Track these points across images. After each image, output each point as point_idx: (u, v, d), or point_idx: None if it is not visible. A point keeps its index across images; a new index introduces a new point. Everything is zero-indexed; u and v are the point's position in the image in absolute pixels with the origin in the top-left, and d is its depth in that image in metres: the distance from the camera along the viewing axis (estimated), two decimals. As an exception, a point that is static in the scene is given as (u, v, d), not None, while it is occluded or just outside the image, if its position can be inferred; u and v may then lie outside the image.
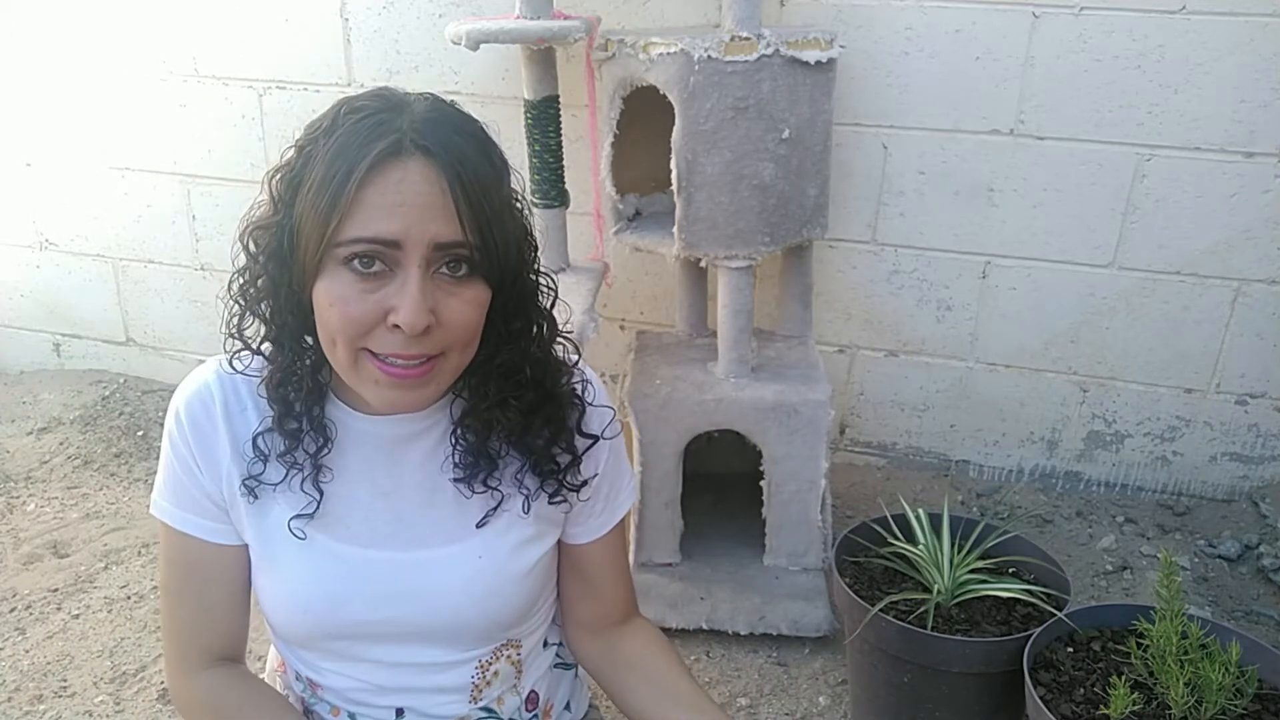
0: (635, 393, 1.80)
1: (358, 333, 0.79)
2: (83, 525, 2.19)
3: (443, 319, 0.80)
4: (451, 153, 0.78)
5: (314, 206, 0.78)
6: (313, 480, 0.90)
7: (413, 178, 0.76)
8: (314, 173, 0.78)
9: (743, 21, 1.67)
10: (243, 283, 0.87)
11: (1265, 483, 2.19)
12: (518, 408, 0.90)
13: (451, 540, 0.93)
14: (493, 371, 0.88)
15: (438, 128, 0.79)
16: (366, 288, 0.78)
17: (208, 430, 0.90)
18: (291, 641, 0.97)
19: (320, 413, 0.90)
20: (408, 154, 0.77)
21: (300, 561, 0.91)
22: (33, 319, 2.85)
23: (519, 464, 0.94)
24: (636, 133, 1.86)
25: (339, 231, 0.77)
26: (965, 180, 2.09)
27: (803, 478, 1.81)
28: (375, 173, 0.76)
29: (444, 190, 0.77)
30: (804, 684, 1.74)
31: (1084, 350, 2.18)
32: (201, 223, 2.56)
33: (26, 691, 1.71)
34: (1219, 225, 2.01)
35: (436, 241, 0.77)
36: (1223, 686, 1.18)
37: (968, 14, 1.96)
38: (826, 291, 2.23)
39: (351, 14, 2.24)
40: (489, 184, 0.80)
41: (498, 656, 0.99)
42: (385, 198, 0.76)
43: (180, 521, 0.92)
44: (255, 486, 0.90)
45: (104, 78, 2.47)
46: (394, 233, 0.76)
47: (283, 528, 0.91)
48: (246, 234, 0.85)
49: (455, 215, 0.77)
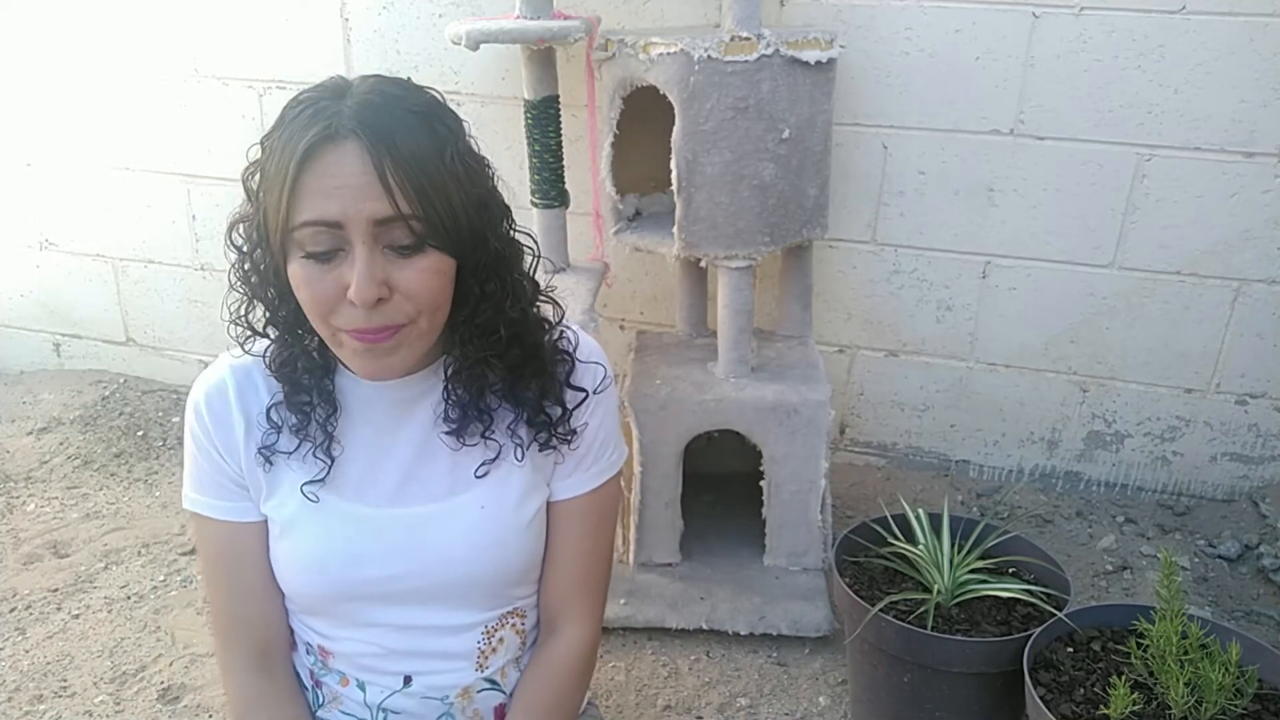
0: (635, 393, 1.80)
1: (325, 311, 0.85)
2: (83, 525, 2.19)
3: (400, 288, 0.84)
4: (382, 132, 0.81)
5: (269, 197, 0.84)
6: (324, 448, 0.96)
7: (346, 159, 0.81)
8: (270, 165, 0.85)
9: (743, 21, 1.67)
10: (242, 272, 0.92)
11: (1265, 483, 2.19)
12: (501, 364, 0.94)
13: (454, 493, 0.98)
14: (472, 331, 0.93)
15: (372, 110, 0.82)
16: (325, 268, 0.84)
17: (224, 416, 0.96)
18: (306, 606, 1.01)
19: (330, 384, 0.97)
20: (341, 137, 0.81)
21: (314, 523, 0.97)
22: (33, 319, 2.85)
23: (512, 416, 0.99)
24: (636, 133, 1.86)
25: (290, 218, 0.82)
26: (965, 180, 2.09)
27: (803, 478, 1.81)
28: (311, 159, 0.81)
29: (373, 169, 0.81)
30: (804, 684, 1.74)
31: (1084, 350, 2.18)
32: (201, 223, 2.56)
33: (26, 691, 1.71)
34: (1219, 225, 2.01)
35: (375, 218, 0.81)
36: (1223, 686, 1.18)
37: (968, 14, 1.96)
38: (826, 291, 2.23)
39: (351, 14, 2.24)
40: (426, 156, 0.83)
41: (503, 624, 1.03)
42: (323, 182, 0.81)
43: (208, 508, 0.98)
44: (270, 455, 0.96)
45: (104, 78, 2.47)
46: (334, 214, 0.81)
47: (294, 493, 0.96)
48: (231, 229, 0.91)
49: (387, 192, 0.81)
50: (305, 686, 1.06)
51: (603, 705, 1.67)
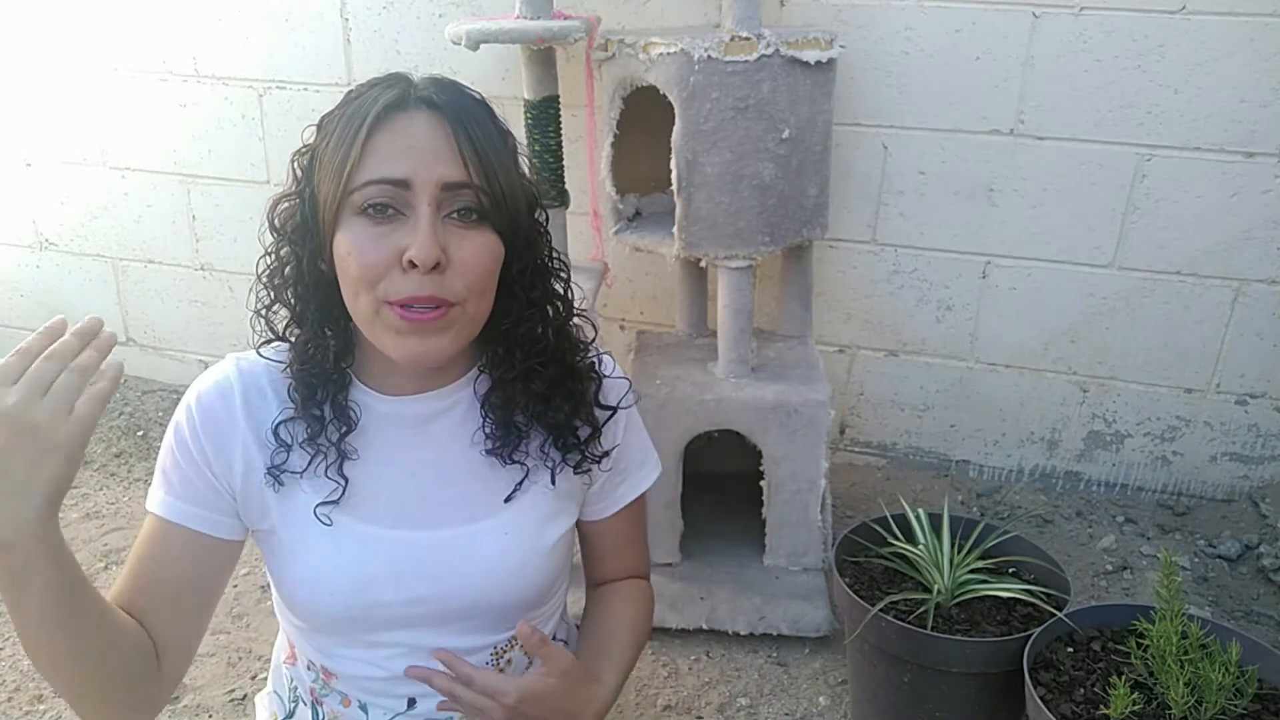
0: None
1: (374, 276, 0.81)
2: (83, 525, 2.19)
3: (454, 259, 0.82)
4: (455, 105, 0.84)
5: (330, 163, 0.83)
6: (337, 466, 0.91)
7: (419, 124, 0.82)
8: (329, 140, 0.84)
9: (743, 21, 1.67)
10: (271, 266, 0.90)
11: (1265, 483, 2.19)
12: (542, 378, 0.92)
13: (477, 518, 0.94)
14: (517, 341, 0.91)
15: (443, 87, 0.85)
16: (381, 231, 0.81)
17: (224, 420, 0.90)
18: (314, 628, 0.97)
19: (344, 398, 0.92)
20: (414, 106, 0.83)
21: (326, 545, 0.92)
22: (33, 319, 2.84)
23: (543, 438, 0.96)
24: (636, 133, 1.86)
25: (353, 178, 0.81)
26: (965, 180, 2.09)
27: (803, 478, 1.81)
28: (383, 122, 0.81)
29: (449, 135, 0.82)
30: (804, 684, 1.74)
31: (1084, 350, 2.18)
32: (201, 223, 2.56)
33: (26, 691, 1.71)
34: (1219, 225, 2.01)
35: (444, 181, 0.81)
36: (1223, 686, 1.18)
37: (968, 14, 1.96)
38: (826, 291, 2.23)
39: (351, 14, 2.24)
40: (494, 138, 0.85)
41: (512, 645, 1.00)
42: (394, 144, 0.81)
43: (172, 510, 0.90)
44: (280, 475, 0.90)
45: (104, 78, 2.47)
46: (403, 173, 0.80)
47: (307, 514, 0.91)
48: (272, 209, 0.89)
49: (460, 158, 0.81)
50: (305, 703, 1.03)
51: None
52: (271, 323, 0.92)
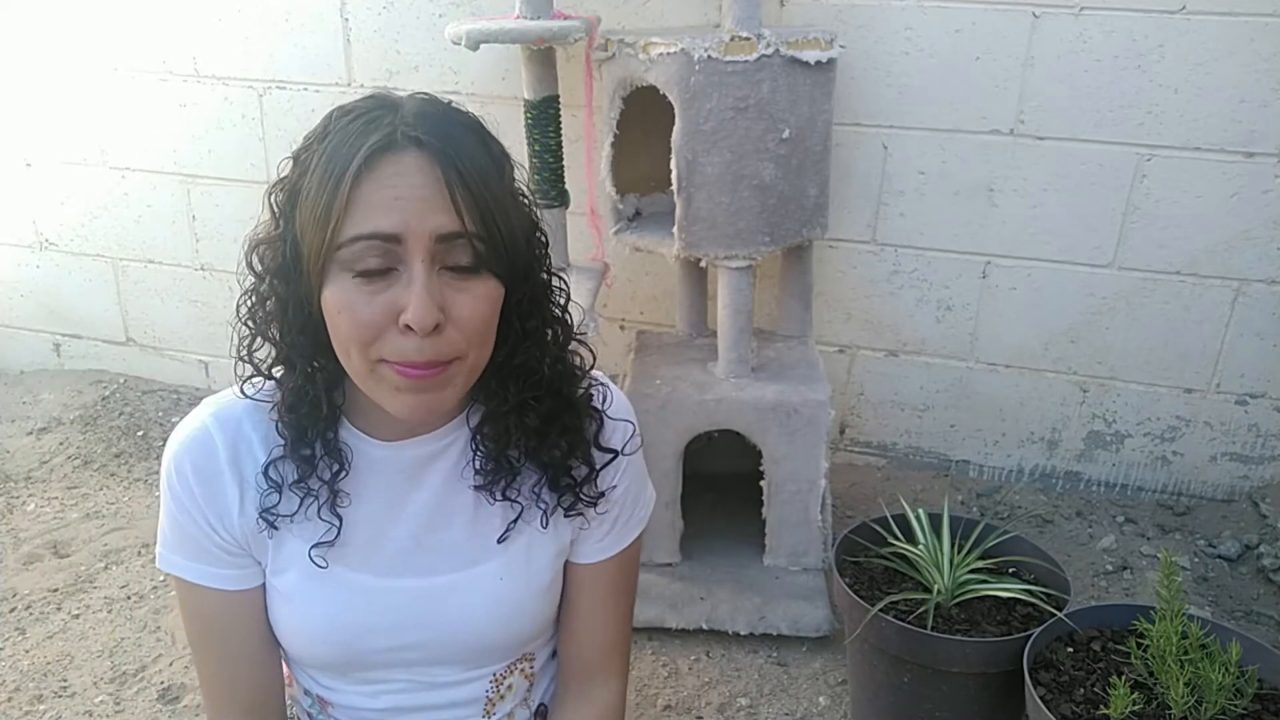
0: (635, 393, 1.80)
1: (369, 338, 0.76)
2: (83, 525, 2.19)
3: (453, 316, 0.77)
4: (447, 143, 0.76)
5: (312, 212, 0.76)
6: (329, 507, 0.87)
7: (408, 170, 0.74)
8: (310, 179, 0.77)
9: (743, 21, 1.67)
10: (251, 304, 0.84)
11: (1265, 483, 2.19)
12: (536, 412, 0.87)
13: (472, 563, 0.91)
14: (511, 373, 0.86)
15: (431, 120, 0.77)
16: (373, 290, 0.75)
17: (210, 477, 0.86)
18: (309, 667, 0.96)
19: (334, 437, 0.87)
20: (401, 147, 0.74)
21: (318, 593, 0.89)
22: (33, 319, 2.84)
23: (536, 478, 0.91)
24: (636, 133, 1.86)
25: (338, 233, 0.74)
26: (965, 180, 2.09)
27: (803, 478, 1.81)
28: (369, 169, 0.74)
29: (440, 180, 0.74)
30: (804, 684, 1.74)
31: (1084, 350, 2.18)
32: (201, 223, 2.56)
33: (26, 691, 1.71)
34: (1219, 225, 2.01)
35: (438, 233, 0.75)
36: (1223, 686, 1.18)
37: (967, 14, 1.96)
38: (826, 291, 2.23)
39: (351, 14, 2.24)
40: (488, 174, 0.78)
41: (511, 670, 0.98)
42: (382, 193, 0.74)
43: (193, 574, 0.88)
44: (273, 519, 0.87)
45: (104, 77, 2.47)
46: (393, 226, 0.74)
47: (301, 558, 0.88)
48: (250, 252, 0.83)
49: (454, 206, 0.75)
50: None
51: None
52: (256, 362, 0.86)
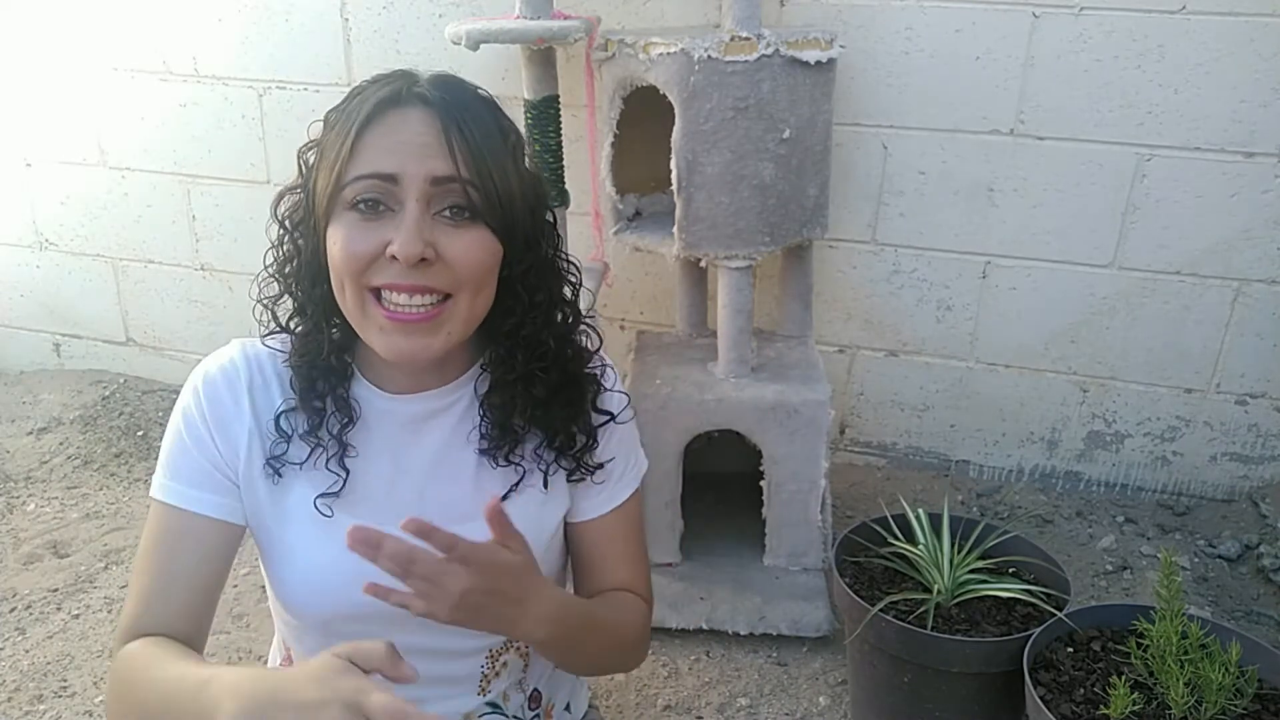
0: (635, 393, 1.80)
1: (359, 267, 0.83)
2: (83, 525, 2.19)
3: (444, 254, 0.83)
4: (451, 102, 0.84)
5: (326, 158, 0.85)
6: (338, 459, 0.92)
7: (411, 120, 0.83)
8: (330, 135, 0.86)
9: (743, 21, 1.67)
10: (277, 256, 0.91)
11: (1265, 483, 2.19)
12: (544, 383, 0.92)
13: (472, 516, 0.92)
14: (519, 343, 0.91)
15: (442, 84, 0.85)
16: (369, 226, 0.83)
17: (229, 404, 0.91)
18: (308, 625, 0.97)
19: (345, 392, 0.93)
20: (407, 102, 0.83)
21: (321, 541, 0.91)
22: (33, 319, 2.85)
23: (538, 440, 0.96)
24: (636, 133, 1.86)
25: (344, 174, 0.82)
26: (965, 180, 2.09)
27: (803, 478, 1.81)
28: (376, 119, 0.83)
29: (440, 131, 0.82)
30: (804, 684, 1.74)
31: (1084, 350, 2.18)
32: (201, 223, 2.56)
33: (26, 691, 1.71)
34: (1219, 225, 2.01)
35: (432, 176, 0.81)
36: (1223, 686, 1.18)
37: (968, 14, 1.96)
38: (826, 291, 2.23)
39: (351, 14, 2.24)
40: (490, 133, 0.85)
41: (507, 647, 1.00)
42: (384, 139, 0.82)
43: (182, 498, 0.90)
44: (280, 467, 0.91)
45: (104, 77, 2.47)
46: (391, 167, 0.81)
47: (306, 506, 0.91)
48: (277, 201, 0.91)
49: (450, 153, 0.82)
50: None
51: (603, 705, 1.67)
52: (275, 314, 0.93)
